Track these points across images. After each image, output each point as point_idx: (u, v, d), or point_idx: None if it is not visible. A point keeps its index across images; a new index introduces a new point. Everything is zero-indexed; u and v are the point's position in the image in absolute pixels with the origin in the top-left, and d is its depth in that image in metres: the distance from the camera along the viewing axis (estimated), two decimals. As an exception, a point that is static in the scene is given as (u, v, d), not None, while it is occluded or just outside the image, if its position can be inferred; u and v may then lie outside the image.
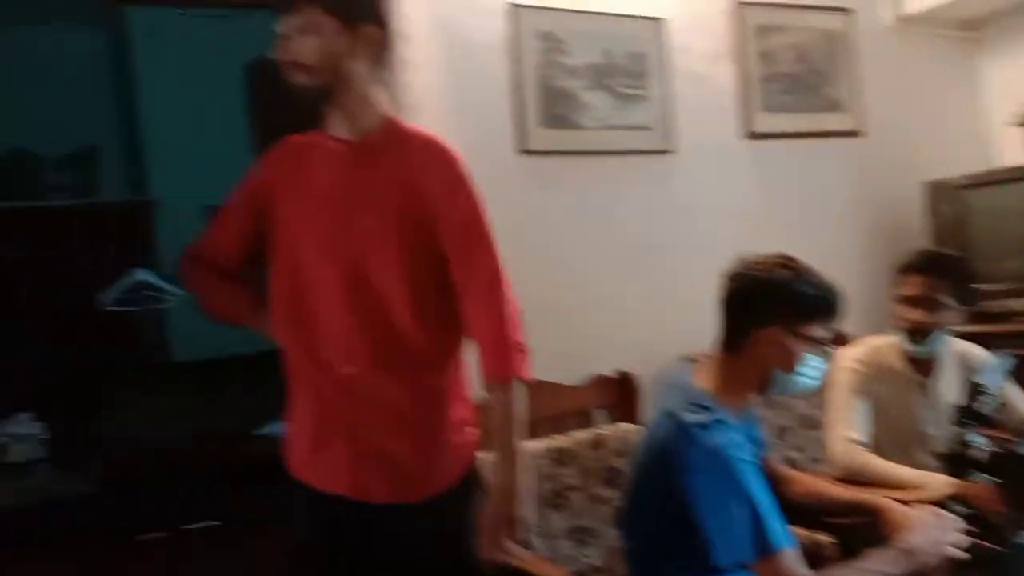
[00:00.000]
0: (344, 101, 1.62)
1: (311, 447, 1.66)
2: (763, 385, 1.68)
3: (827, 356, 1.70)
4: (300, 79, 1.58)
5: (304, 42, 1.56)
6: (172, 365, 4.89)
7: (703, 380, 1.68)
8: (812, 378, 1.68)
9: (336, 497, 1.63)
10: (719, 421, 1.58)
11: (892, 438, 2.23)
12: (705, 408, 1.60)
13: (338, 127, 1.66)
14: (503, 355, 1.61)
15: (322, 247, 1.62)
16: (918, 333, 2.21)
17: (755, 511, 1.51)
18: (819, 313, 1.65)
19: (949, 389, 2.24)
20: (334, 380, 1.61)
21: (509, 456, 1.61)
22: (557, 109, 2.68)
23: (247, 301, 1.76)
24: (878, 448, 2.19)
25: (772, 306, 1.64)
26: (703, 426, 1.56)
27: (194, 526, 4.10)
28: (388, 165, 1.64)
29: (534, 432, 2.36)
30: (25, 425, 4.18)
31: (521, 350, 1.64)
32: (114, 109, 5.62)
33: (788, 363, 1.64)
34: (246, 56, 3.33)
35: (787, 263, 1.67)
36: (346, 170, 1.64)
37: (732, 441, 1.56)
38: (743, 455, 1.56)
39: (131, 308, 4.21)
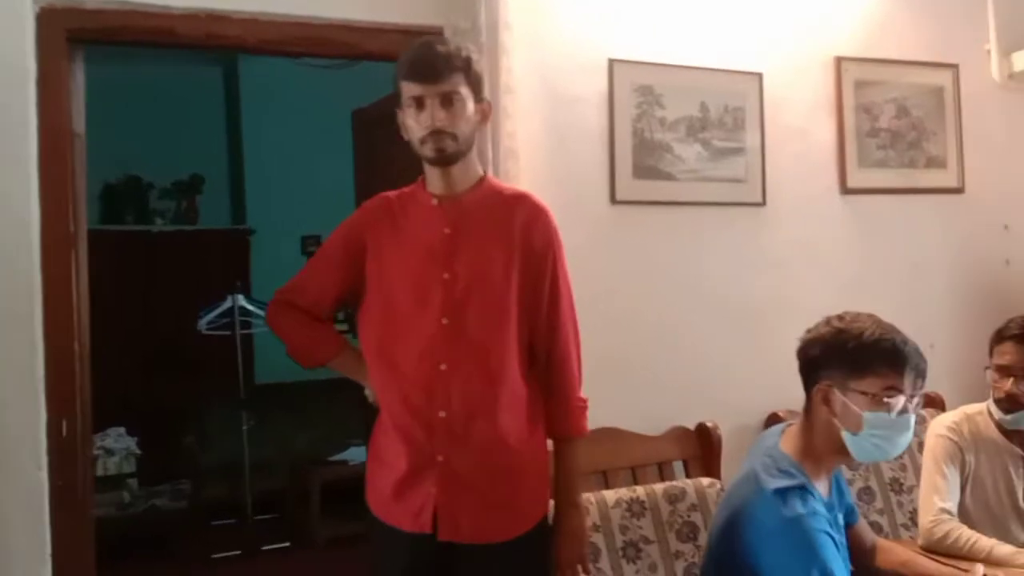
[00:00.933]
0: (458, 164, 1.72)
1: (399, 488, 1.70)
2: (837, 448, 1.60)
3: (896, 412, 1.55)
4: (449, 146, 1.67)
5: (450, 111, 1.66)
6: (257, 387, 5.05)
7: (788, 444, 1.64)
8: (887, 440, 1.57)
9: (421, 537, 1.67)
10: (801, 488, 1.53)
11: (986, 511, 2.13)
12: (787, 473, 1.56)
13: (436, 184, 1.74)
14: (574, 413, 1.77)
15: (420, 297, 1.69)
16: (1012, 404, 2.12)
17: None
18: (870, 365, 1.55)
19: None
20: (427, 425, 1.67)
21: (578, 503, 1.78)
22: (649, 160, 2.69)
23: (335, 345, 1.84)
24: (971, 520, 2.09)
25: (819, 364, 1.59)
26: (783, 492, 1.52)
27: (269, 547, 4.21)
28: (489, 221, 1.73)
29: (610, 482, 2.35)
30: (117, 439, 4.37)
31: (585, 407, 1.79)
32: (223, 143, 5.92)
33: (849, 422, 1.56)
34: (345, 102, 3.48)
35: (838, 318, 1.61)
36: (447, 225, 1.72)
37: (812, 510, 1.51)
38: (822, 526, 1.50)
39: (224, 331, 4.39)
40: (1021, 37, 3.20)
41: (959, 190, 3.16)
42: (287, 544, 4.29)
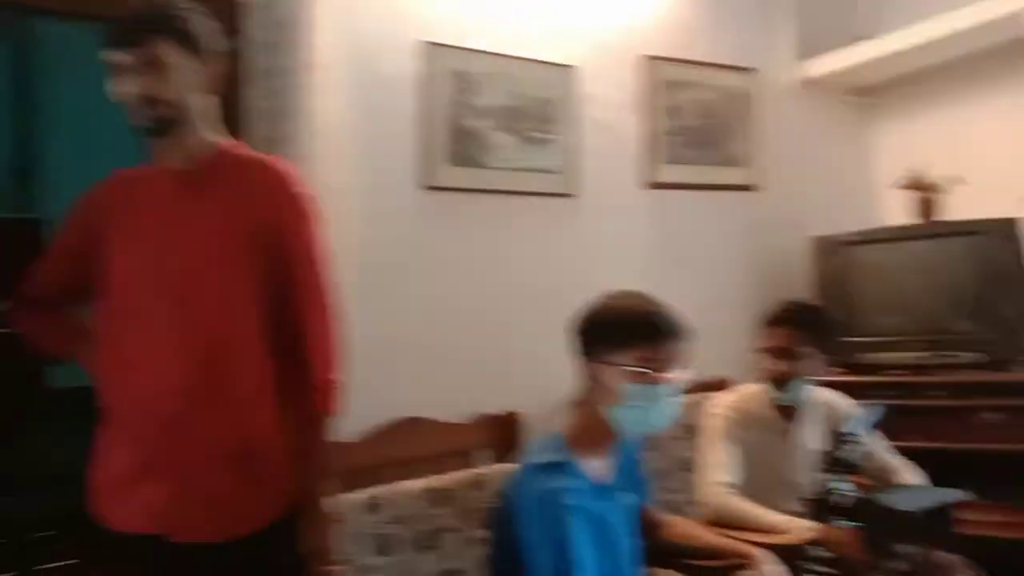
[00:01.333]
0: (181, 132, 1.58)
1: (127, 489, 1.54)
2: (604, 423, 1.62)
3: (653, 383, 1.58)
4: (150, 113, 1.53)
5: (154, 75, 1.51)
6: (53, 392, 4.62)
7: (565, 422, 1.66)
8: (647, 411, 1.59)
9: (152, 538, 1.52)
10: (556, 464, 1.55)
11: (759, 483, 2.24)
12: (550, 450, 1.58)
13: (169, 158, 1.60)
14: (318, 393, 1.60)
15: (150, 281, 1.55)
16: (779, 382, 2.25)
17: (567, 561, 1.47)
18: (628, 339, 1.58)
19: (812, 436, 2.29)
20: (156, 418, 1.52)
21: (318, 490, 1.60)
22: (464, 148, 2.67)
23: (74, 337, 1.67)
24: (748, 493, 2.21)
25: (585, 339, 1.63)
26: (541, 467, 1.54)
27: (50, 566, 3.83)
28: (222, 193, 1.58)
29: (412, 471, 2.28)
30: None
31: (331, 386, 1.61)
32: (8, 124, 5.40)
33: (611, 395, 1.59)
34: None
35: (605, 296, 1.66)
36: (176, 201, 1.58)
37: (565, 486, 1.52)
38: (573, 501, 1.52)
39: (6, 330, 3.98)
40: (815, 45, 3.45)
41: (756, 188, 3.34)
42: (75, 560, 3.93)
